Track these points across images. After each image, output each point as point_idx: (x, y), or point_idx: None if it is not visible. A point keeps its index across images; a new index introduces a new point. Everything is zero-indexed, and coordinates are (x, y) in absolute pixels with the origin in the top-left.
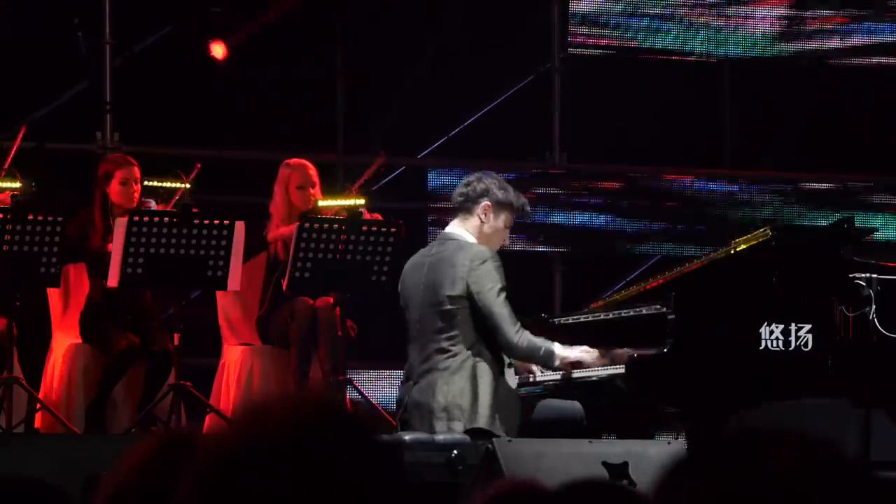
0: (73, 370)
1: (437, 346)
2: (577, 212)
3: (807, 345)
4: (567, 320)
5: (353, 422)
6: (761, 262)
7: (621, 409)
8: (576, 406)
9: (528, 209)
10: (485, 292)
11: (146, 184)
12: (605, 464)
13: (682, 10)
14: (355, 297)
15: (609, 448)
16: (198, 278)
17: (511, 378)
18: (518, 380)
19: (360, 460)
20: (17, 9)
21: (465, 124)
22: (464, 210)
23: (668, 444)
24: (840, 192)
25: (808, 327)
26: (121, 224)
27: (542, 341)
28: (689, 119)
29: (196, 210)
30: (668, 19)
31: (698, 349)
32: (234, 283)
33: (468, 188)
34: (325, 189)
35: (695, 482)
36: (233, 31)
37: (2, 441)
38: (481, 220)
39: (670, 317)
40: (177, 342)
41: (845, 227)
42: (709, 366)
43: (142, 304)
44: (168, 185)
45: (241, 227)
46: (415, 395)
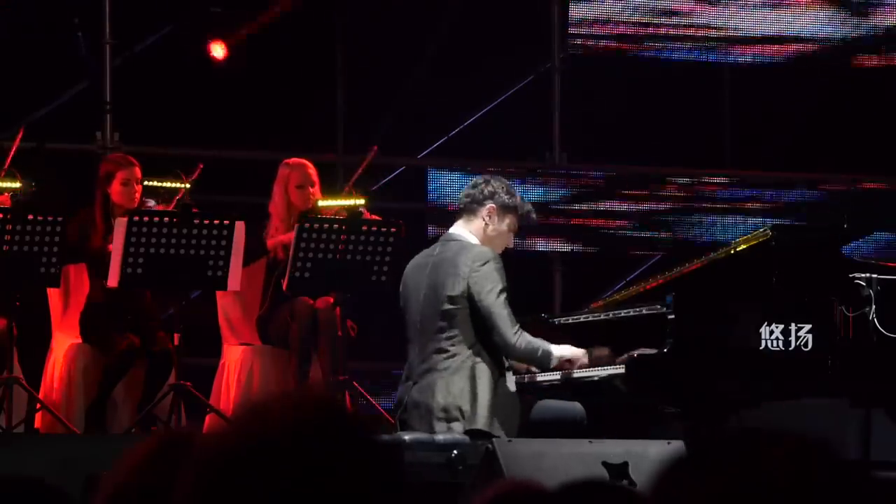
0: (73, 370)
1: (436, 347)
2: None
3: (807, 345)
4: (567, 320)
5: (353, 421)
6: (761, 262)
7: (621, 409)
8: (576, 406)
9: (533, 216)
10: (485, 293)
11: (146, 184)
12: (605, 464)
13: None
14: (355, 297)
15: (609, 448)
16: (198, 278)
17: (510, 380)
18: (517, 380)
19: (360, 460)
20: (17, 9)
21: (465, 124)
22: (468, 211)
23: (668, 444)
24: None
25: (808, 327)
26: (121, 224)
27: (540, 342)
28: (689, 119)
29: (196, 210)
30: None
31: (698, 349)
32: (234, 283)
33: (475, 190)
34: (325, 189)
35: (695, 482)
36: (233, 31)
37: (2, 441)
38: (485, 223)
39: (670, 317)
40: (177, 342)
41: (845, 227)
42: (709, 366)
43: (142, 304)
44: (168, 185)
45: (241, 227)
46: (414, 395)
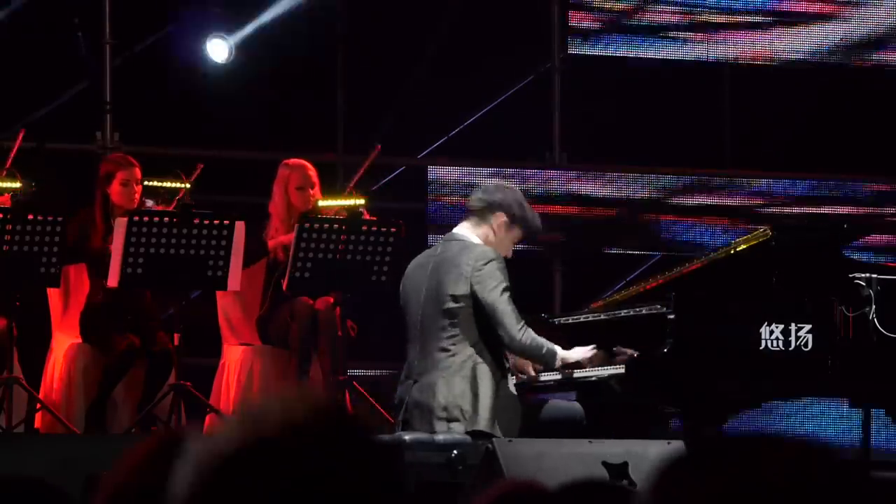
0: (73, 370)
1: (438, 346)
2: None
3: (807, 345)
4: (567, 320)
5: (353, 422)
6: (761, 262)
7: (621, 409)
8: (576, 407)
9: (539, 229)
10: (488, 291)
11: (146, 184)
12: (605, 464)
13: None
14: (355, 297)
15: (609, 448)
16: (198, 278)
17: (510, 382)
18: (516, 381)
19: (360, 460)
20: (17, 9)
21: (465, 124)
22: (478, 215)
23: (668, 444)
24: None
25: (808, 327)
26: (121, 224)
27: (545, 341)
28: (689, 119)
29: (196, 210)
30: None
31: (698, 349)
32: (234, 283)
33: (489, 196)
34: (325, 189)
35: (695, 482)
36: (233, 31)
37: (2, 441)
38: (493, 231)
39: (670, 317)
40: (177, 342)
41: (845, 227)
42: (709, 366)
43: (142, 304)
44: (168, 185)
45: (241, 227)
46: (415, 395)
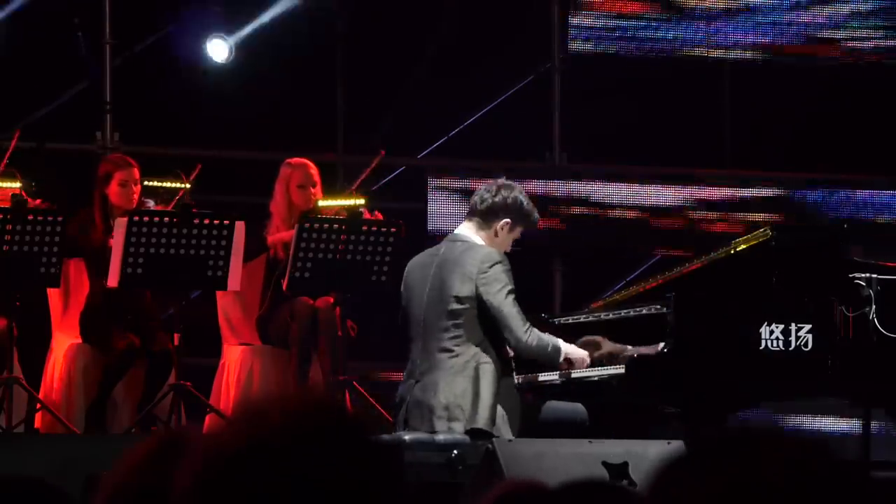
0: (73, 370)
1: (440, 346)
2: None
3: (807, 345)
4: (567, 320)
5: (353, 422)
6: (761, 262)
7: (621, 409)
8: (578, 408)
9: (538, 223)
10: (494, 293)
11: (146, 184)
12: (605, 464)
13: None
14: (355, 297)
15: (609, 448)
16: (198, 278)
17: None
18: (517, 380)
19: (360, 460)
20: (17, 9)
21: (465, 124)
22: (483, 217)
23: (668, 444)
24: None
25: (808, 327)
26: (121, 224)
27: (550, 338)
28: (689, 119)
29: (196, 210)
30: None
31: (698, 349)
32: (234, 283)
33: (496, 198)
34: (325, 189)
35: (694, 482)
36: (233, 31)
37: (2, 441)
38: (496, 233)
39: (670, 317)
40: (177, 342)
41: (845, 227)
42: (709, 366)
43: (142, 304)
44: (168, 185)
45: (241, 227)
46: (417, 394)
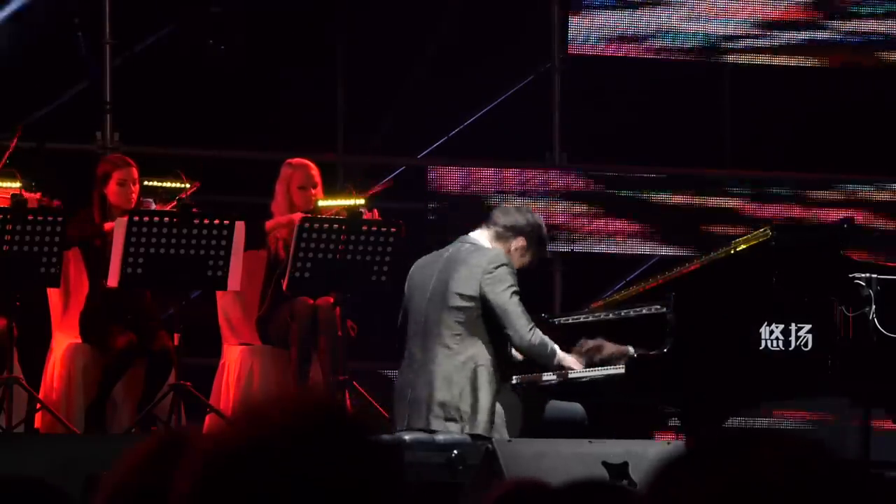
0: (72, 370)
1: (441, 343)
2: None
3: (807, 345)
4: (567, 320)
5: (353, 422)
6: (761, 262)
7: (621, 409)
8: (577, 408)
9: (547, 258)
10: (499, 292)
11: (146, 184)
12: (605, 464)
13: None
14: (355, 297)
15: (609, 448)
16: (198, 278)
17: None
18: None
19: (360, 460)
20: (17, 9)
21: (465, 124)
22: (501, 230)
23: (668, 444)
24: None
25: (808, 327)
26: (121, 224)
27: (549, 341)
28: (689, 119)
29: (196, 210)
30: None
31: (698, 349)
32: (234, 283)
33: (519, 217)
34: (325, 189)
35: (694, 482)
36: (232, 31)
37: (2, 441)
38: (509, 252)
39: (670, 317)
40: (177, 342)
41: (845, 227)
42: (709, 366)
43: (142, 304)
44: (168, 185)
45: (241, 227)
46: (414, 389)
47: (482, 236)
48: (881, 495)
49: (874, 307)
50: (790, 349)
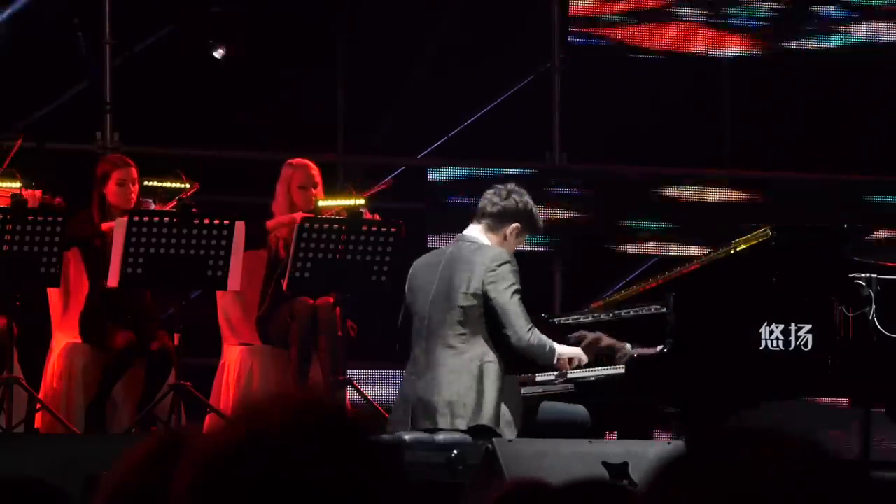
0: (72, 370)
1: (445, 343)
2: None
3: (807, 345)
4: (567, 320)
5: (353, 422)
6: (761, 262)
7: (621, 409)
8: (580, 409)
9: (542, 231)
10: (500, 291)
11: (146, 184)
12: (605, 464)
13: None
14: (355, 297)
15: (609, 448)
16: (198, 278)
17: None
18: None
19: (360, 460)
20: (17, 9)
21: (465, 124)
22: (491, 220)
23: (668, 444)
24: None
25: (808, 327)
26: (121, 224)
27: (547, 339)
28: (689, 119)
29: (196, 210)
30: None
31: (698, 349)
32: (234, 283)
33: (506, 202)
34: (325, 189)
35: (694, 481)
36: (233, 32)
37: (2, 441)
38: (505, 238)
39: (670, 317)
40: (177, 342)
41: (845, 226)
42: (709, 366)
43: (142, 304)
44: (168, 185)
45: (241, 227)
46: (419, 391)
47: (478, 232)
48: (881, 496)
49: (874, 307)
50: (790, 349)
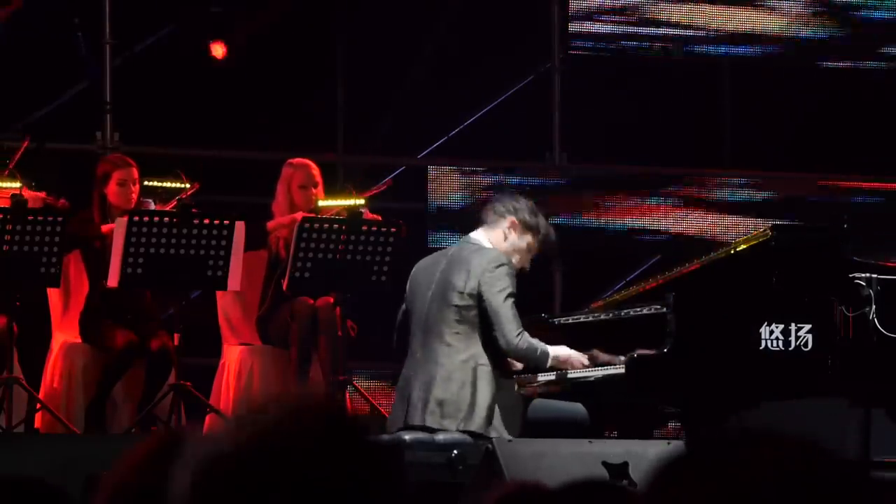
0: (72, 369)
1: (442, 342)
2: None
3: (807, 345)
4: (567, 320)
5: (353, 422)
6: (761, 262)
7: (621, 409)
8: (579, 408)
9: (553, 241)
10: (494, 293)
11: (146, 184)
12: (605, 464)
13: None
14: (355, 297)
15: (609, 448)
16: (198, 278)
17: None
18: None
19: (360, 460)
20: (19, 9)
21: (465, 124)
22: (490, 221)
23: (669, 444)
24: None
25: (808, 327)
26: (121, 224)
27: (540, 343)
28: (689, 119)
29: (196, 210)
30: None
31: (698, 349)
32: (234, 283)
33: (498, 202)
34: (325, 189)
35: (693, 482)
36: (233, 31)
37: (2, 441)
38: (505, 236)
39: (670, 317)
40: (177, 342)
41: (845, 226)
42: (709, 366)
43: (142, 304)
44: (168, 185)
45: (241, 227)
46: (414, 390)
47: (481, 235)
48: (881, 496)
49: (874, 307)
50: (790, 349)
